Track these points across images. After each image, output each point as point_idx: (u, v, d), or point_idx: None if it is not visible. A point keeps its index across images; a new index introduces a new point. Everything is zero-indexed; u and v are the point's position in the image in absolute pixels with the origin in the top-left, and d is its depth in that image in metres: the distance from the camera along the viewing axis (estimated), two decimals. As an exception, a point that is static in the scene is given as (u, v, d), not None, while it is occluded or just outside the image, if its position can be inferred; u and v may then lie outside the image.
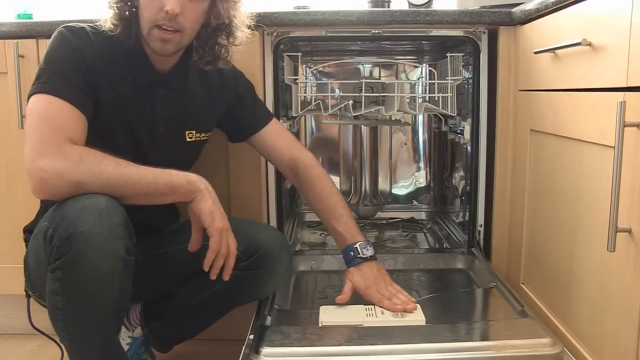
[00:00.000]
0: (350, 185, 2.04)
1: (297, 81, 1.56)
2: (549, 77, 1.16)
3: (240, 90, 1.27)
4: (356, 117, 1.74)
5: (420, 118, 2.05)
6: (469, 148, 1.52)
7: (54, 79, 0.98)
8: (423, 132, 2.07)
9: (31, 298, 1.13)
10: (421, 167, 2.09)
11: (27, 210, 1.20)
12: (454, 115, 1.52)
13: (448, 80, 1.47)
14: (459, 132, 1.60)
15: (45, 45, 1.04)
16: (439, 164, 2.05)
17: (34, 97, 0.97)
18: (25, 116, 1.02)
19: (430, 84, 1.74)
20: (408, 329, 1.02)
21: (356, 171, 2.02)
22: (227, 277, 1.03)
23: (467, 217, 1.53)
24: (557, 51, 1.10)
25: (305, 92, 1.78)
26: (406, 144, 2.07)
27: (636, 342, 0.84)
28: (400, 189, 2.10)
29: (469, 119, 1.50)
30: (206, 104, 1.21)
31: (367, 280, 1.14)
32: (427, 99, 1.64)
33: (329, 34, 1.44)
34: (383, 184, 2.07)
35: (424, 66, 2.00)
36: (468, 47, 1.46)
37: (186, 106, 1.17)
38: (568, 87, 1.07)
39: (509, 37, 1.38)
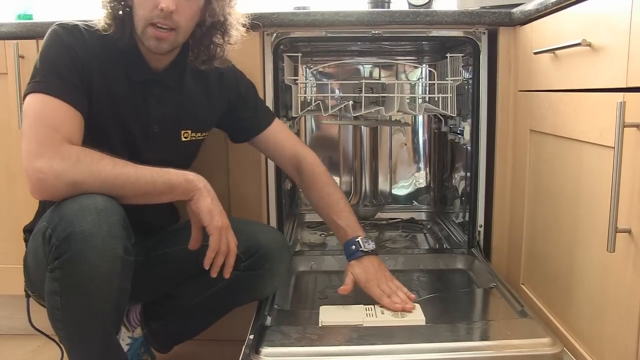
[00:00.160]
0: (350, 186, 2.04)
1: (297, 82, 1.56)
2: (549, 77, 1.16)
3: (242, 90, 1.27)
4: (356, 118, 1.74)
5: (420, 118, 2.05)
6: (469, 148, 1.52)
7: (48, 78, 0.98)
8: (423, 132, 2.07)
9: (31, 298, 1.13)
10: (421, 167, 2.09)
11: (27, 210, 1.20)
12: (453, 115, 1.52)
13: (448, 80, 1.47)
14: (459, 132, 1.60)
15: (45, 45, 1.04)
16: (438, 165, 2.05)
17: (30, 96, 0.97)
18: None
19: (430, 84, 1.74)
20: (408, 329, 1.02)
21: (356, 172, 2.02)
22: (227, 275, 1.03)
23: (467, 218, 1.53)
24: (557, 51, 1.10)
25: (305, 93, 1.77)
26: (406, 144, 2.07)
27: (636, 342, 0.84)
28: (400, 190, 2.10)
29: (469, 120, 1.50)
30: (204, 103, 1.21)
31: (368, 274, 1.15)
32: (427, 99, 1.64)
33: (329, 34, 1.44)
34: (383, 185, 2.07)
35: (424, 67, 2.00)
36: (468, 47, 1.46)
37: (183, 105, 1.16)
38: (568, 88, 1.07)
39: (508, 38, 1.38)
